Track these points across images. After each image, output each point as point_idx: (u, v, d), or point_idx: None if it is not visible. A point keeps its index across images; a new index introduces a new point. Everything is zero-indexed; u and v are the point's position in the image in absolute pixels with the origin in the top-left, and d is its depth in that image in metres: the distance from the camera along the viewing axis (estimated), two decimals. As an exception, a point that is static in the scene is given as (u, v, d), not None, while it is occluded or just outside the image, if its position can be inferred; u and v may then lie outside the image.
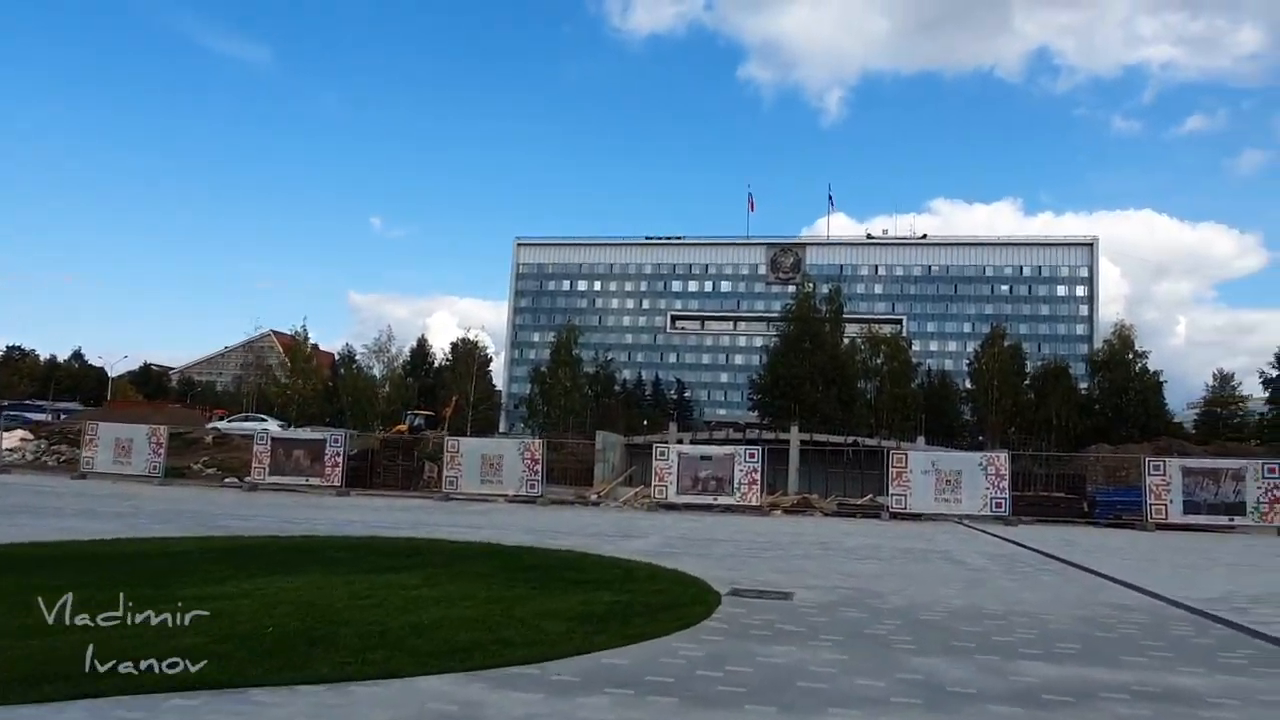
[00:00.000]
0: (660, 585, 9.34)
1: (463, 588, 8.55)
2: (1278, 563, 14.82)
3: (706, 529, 18.00)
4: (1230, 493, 21.82)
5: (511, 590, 8.54)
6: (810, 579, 10.52)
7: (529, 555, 11.66)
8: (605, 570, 10.34)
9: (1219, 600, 9.73)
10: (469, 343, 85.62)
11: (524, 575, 9.62)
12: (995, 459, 23.11)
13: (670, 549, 13.50)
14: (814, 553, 13.80)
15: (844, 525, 20.92)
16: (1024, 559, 13.95)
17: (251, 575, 8.75)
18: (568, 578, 9.55)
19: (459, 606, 7.54)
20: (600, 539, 14.85)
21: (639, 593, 8.73)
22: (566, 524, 18.13)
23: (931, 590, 9.94)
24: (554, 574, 9.83)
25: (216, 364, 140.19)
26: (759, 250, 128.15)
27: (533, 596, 8.22)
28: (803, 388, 55.61)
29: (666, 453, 24.43)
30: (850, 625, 7.55)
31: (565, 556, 11.67)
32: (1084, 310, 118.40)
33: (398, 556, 11.01)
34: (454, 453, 25.50)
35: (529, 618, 7.17)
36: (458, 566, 10.13)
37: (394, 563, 10.32)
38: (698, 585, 9.44)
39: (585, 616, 7.31)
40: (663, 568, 10.79)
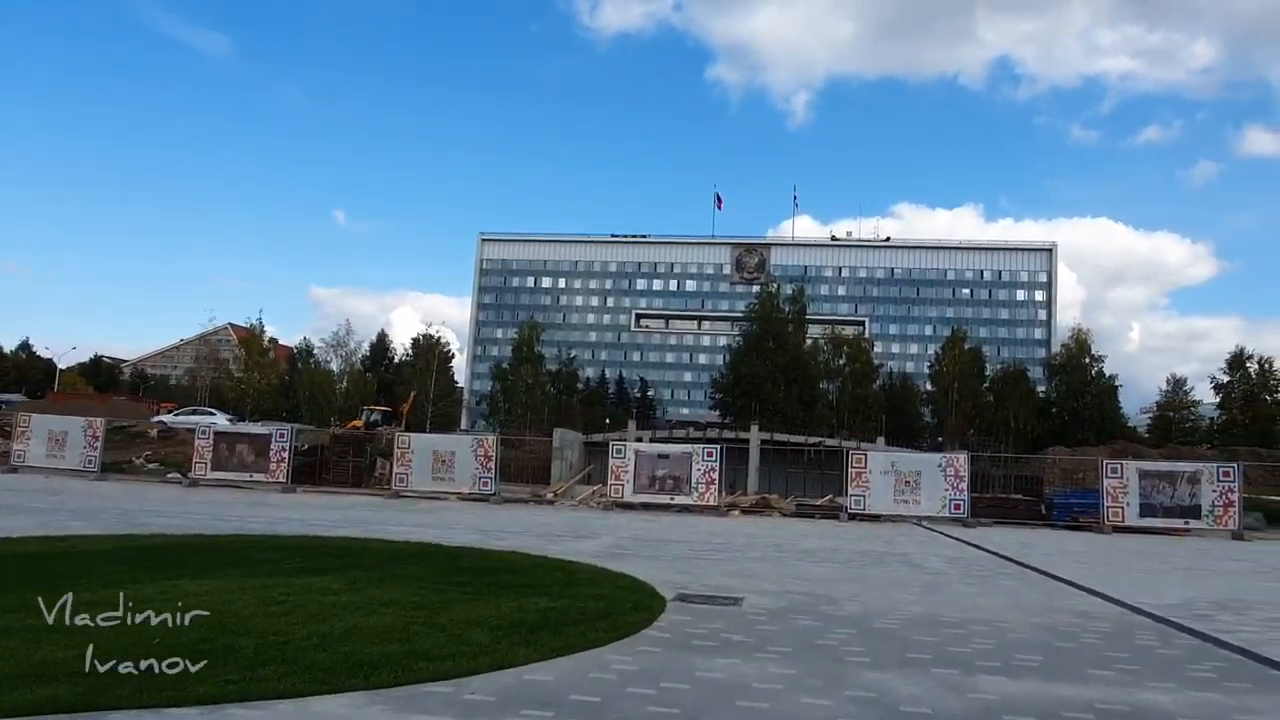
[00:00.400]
0: (602, 590, 8.79)
1: (388, 592, 7.93)
2: (1234, 566, 14.66)
3: (661, 529, 17.50)
4: (1186, 496, 21.82)
5: (441, 595, 7.94)
6: (763, 583, 10.04)
7: (468, 557, 11.05)
8: (546, 573, 9.78)
9: (1181, 607, 9.42)
10: (430, 338, 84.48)
11: (458, 578, 9.03)
12: (954, 460, 22.91)
13: (620, 550, 12.98)
14: (769, 555, 13.35)
15: (802, 526, 20.54)
16: (982, 562, 13.64)
17: (157, 579, 8.05)
18: (505, 581, 8.97)
19: (378, 614, 6.93)
20: (549, 539, 14.28)
21: (578, 598, 8.18)
22: (517, 523, 17.53)
23: (888, 596, 9.51)
24: (491, 577, 9.24)
25: (171, 357, 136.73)
26: (724, 250, 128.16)
27: (462, 602, 7.63)
28: (764, 387, 55.34)
29: (623, 451, 23.90)
30: (801, 635, 7.07)
31: (507, 558, 11.09)
32: (1042, 315, 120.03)
33: (327, 558, 10.35)
34: (404, 449, 24.74)
35: (453, 626, 6.59)
36: (389, 569, 9.50)
37: (321, 564, 9.66)
38: (642, 590, 8.92)
39: (515, 625, 6.74)
40: (608, 570, 10.25)
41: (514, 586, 8.64)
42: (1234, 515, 21.53)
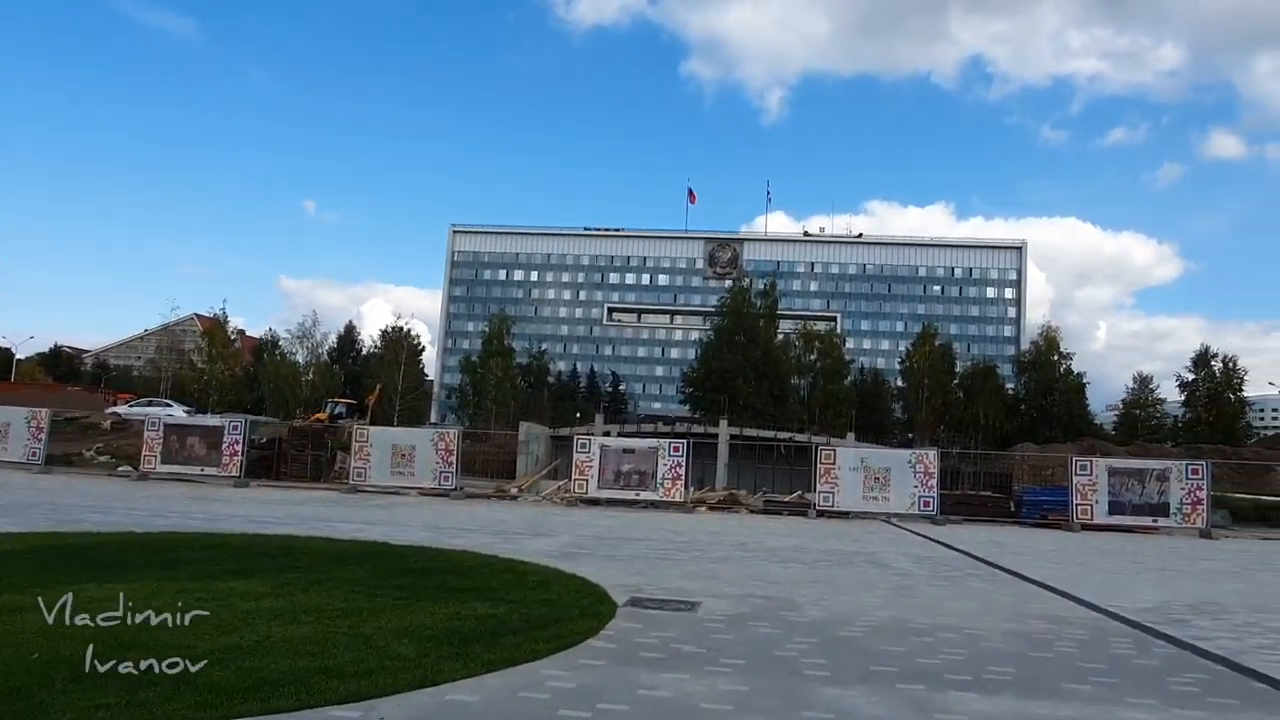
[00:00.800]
0: (550, 594, 8.25)
1: (316, 598, 7.33)
2: (1205, 567, 14.41)
3: (623, 526, 16.98)
4: (1155, 493, 21.66)
5: (374, 600, 7.36)
6: (723, 586, 9.55)
7: (414, 557, 10.45)
8: (494, 575, 9.21)
9: (1156, 611, 9.06)
10: (399, 330, 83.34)
11: (398, 581, 8.44)
12: (924, 457, 22.59)
13: (577, 549, 12.43)
14: (732, 554, 12.87)
15: (769, 524, 20.11)
16: (952, 562, 13.25)
17: (63, 581, 7.37)
18: (447, 585, 8.39)
19: (299, 623, 6.33)
20: (504, 537, 13.70)
21: (523, 603, 7.63)
22: (475, 520, 16.92)
23: (854, 599, 9.05)
24: (433, 580, 8.67)
25: (136, 348, 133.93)
26: (697, 244, 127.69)
27: (395, 609, 7.05)
28: (735, 382, 54.94)
29: (588, 445, 23.33)
30: (758, 644, 6.56)
31: (455, 558, 10.50)
32: (1012, 312, 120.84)
33: (261, 558, 9.71)
34: (363, 443, 24.00)
35: (379, 636, 6.02)
36: (325, 570, 8.89)
37: (252, 565, 9.03)
38: (593, 594, 8.38)
39: (448, 635, 6.18)
40: (560, 572, 9.70)
41: (456, 590, 8.07)
42: (1202, 513, 21.41)
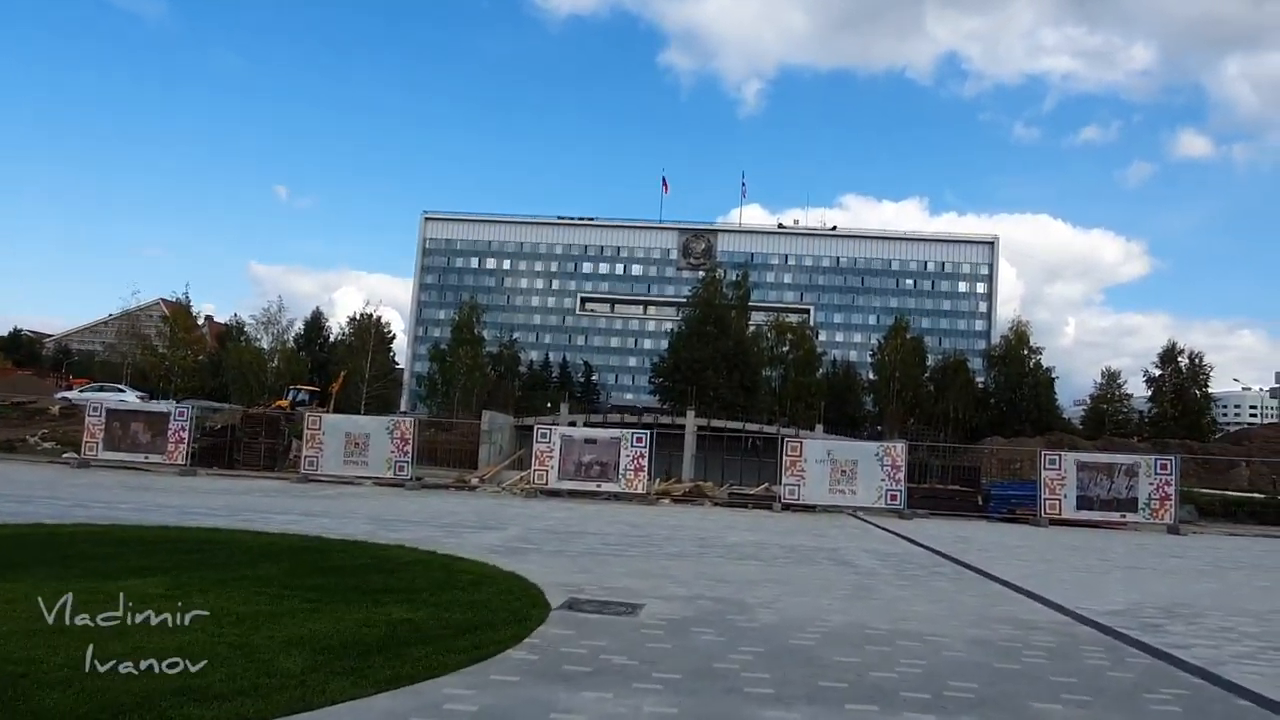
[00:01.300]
0: (480, 595, 7.57)
1: (215, 600, 6.59)
2: (1175, 564, 14.03)
3: (579, 519, 16.32)
4: (1123, 488, 21.35)
5: (278, 604, 6.64)
6: (672, 585, 8.92)
7: (344, 552, 9.73)
8: (423, 574, 8.51)
9: (1127, 614, 8.55)
10: (368, 317, 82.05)
11: (315, 581, 7.73)
12: (892, 449, 22.12)
13: (525, 544, 11.76)
14: (689, 550, 12.25)
15: (732, 517, 19.54)
16: (917, 559, 12.73)
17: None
18: (368, 585, 7.68)
19: (181, 631, 5.60)
20: (451, 531, 12.99)
21: (446, 606, 6.94)
22: (425, 512, 16.18)
23: (810, 601, 8.45)
24: (355, 579, 7.96)
25: (100, 332, 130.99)
26: (671, 235, 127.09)
27: (300, 614, 6.34)
28: (704, 373, 54.38)
29: (548, 435, 22.62)
30: (698, 655, 5.93)
31: (386, 554, 9.77)
32: (983, 307, 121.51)
33: (172, 554, 8.94)
34: (315, 430, 23.13)
35: (267, 648, 5.32)
36: (236, 569, 8.15)
37: (157, 563, 8.26)
38: (528, 595, 7.72)
39: (349, 645, 5.49)
40: (499, 570, 9.03)
41: (375, 591, 7.37)
42: (1170, 509, 21.14)
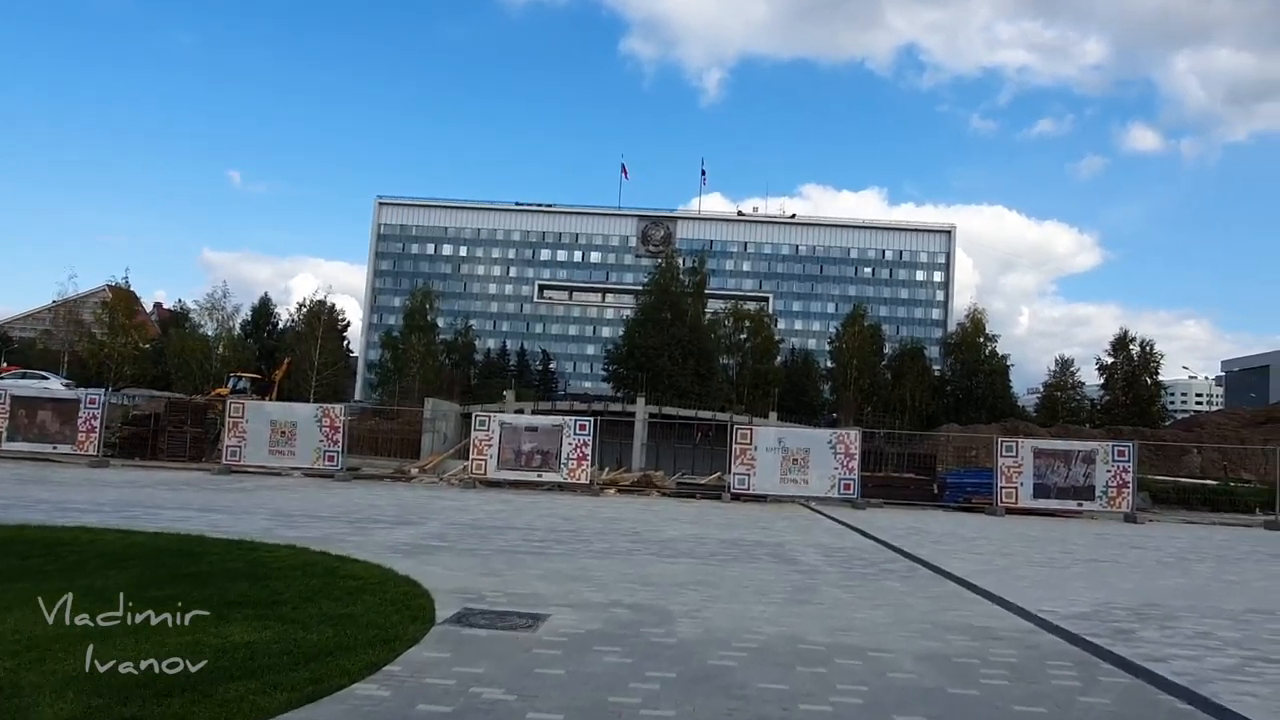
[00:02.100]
0: (356, 607, 6.45)
1: (13, 620, 5.41)
2: (1137, 556, 13.31)
3: (511, 512, 15.21)
4: (1080, 475, 20.77)
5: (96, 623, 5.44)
6: (588, 590, 7.88)
7: (216, 556, 8.49)
8: (299, 580, 7.35)
9: (1095, 617, 7.69)
10: (321, 304, 79.91)
11: (160, 591, 6.50)
12: (845, 437, 21.29)
13: (438, 542, 10.64)
14: (619, 547, 11.21)
15: (679, 508, 18.55)
16: (866, 554, 11.83)
17: None
18: (225, 596, 6.51)
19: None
20: (360, 527, 11.81)
21: (306, 623, 5.82)
22: (344, 505, 14.95)
23: (741, 609, 7.46)
24: (209, 589, 6.78)
25: (41, 319, 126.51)
26: (630, 222, 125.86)
27: (114, 636, 5.14)
28: (659, 359, 53.33)
29: (486, 422, 21.42)
30: (593, 685, 4.89)
31: (266, 557, 8.56)
32: (940, 295, 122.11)
33: (6, 558, 7.69)
34: (238, 419, 21.70)
35: (38, 686, 4.19)
36: (72, 577, 6.91)
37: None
38: (412, 606, 6.61)
39: (144, 685, 4.33)
40: (393, 574, 7.92)
41: (228, 604, 6.20)
42: (1128, 497, 20.59)
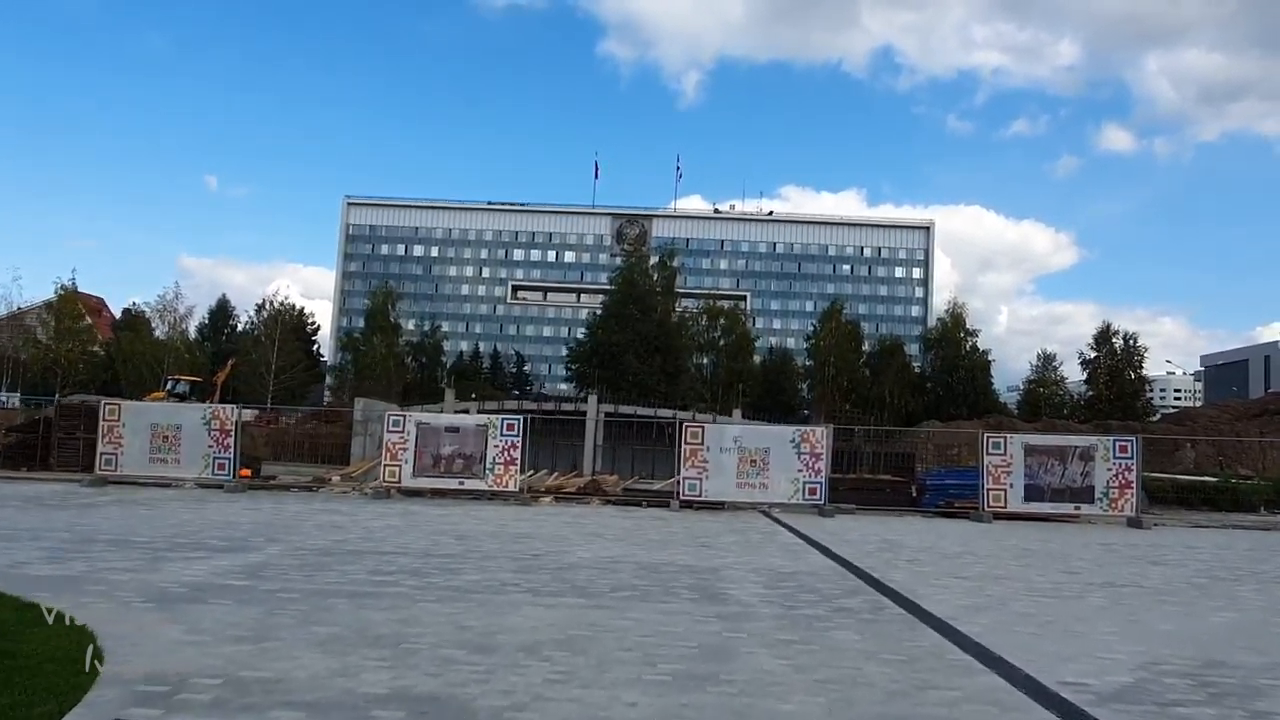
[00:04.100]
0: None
1: None
2: (1161, 576, 10.74)
3: (397, 530, 12.47)
4: (1078, 475, 18.24)
5: None
6: (372, 664, 5.17)
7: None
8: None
9: (1143, 691, 5.09)
10: (287, 306, 76.92)
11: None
12: (810, 435, 18.61)
13: (243, 580, 7.89)
14: (495, 579, 8.50)
15: (614, 520, 15.85)
16: (820, 584, 9.17)
17: None
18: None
19: None
20: (160, 557, 9.05)
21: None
22: (194, 524, 12.17)
23: (604, 697, 4.78)
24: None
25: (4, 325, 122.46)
26: (604, 220, 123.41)
27: None
28: (624, 356, 50.58)
29: (401, 423, 18.64)
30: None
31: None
32: (919, 292, 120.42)
33: None
34: (113, 422, 18.83)
35: None
36: None
37: None
38: (32, 711, 3.91)
39: None
40: (76, 644, 5.20)
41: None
42: (1131, 498, 18.06)
